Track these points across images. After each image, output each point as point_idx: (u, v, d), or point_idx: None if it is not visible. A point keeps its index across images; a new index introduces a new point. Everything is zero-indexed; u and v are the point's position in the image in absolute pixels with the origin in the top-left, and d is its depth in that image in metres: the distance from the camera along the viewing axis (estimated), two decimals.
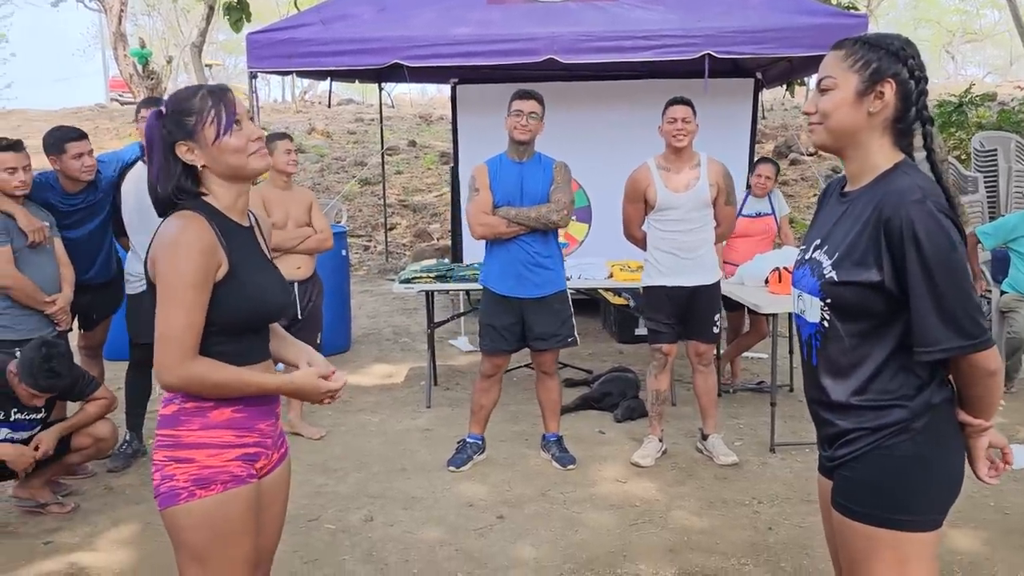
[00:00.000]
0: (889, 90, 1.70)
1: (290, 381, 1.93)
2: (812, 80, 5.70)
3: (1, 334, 3.86)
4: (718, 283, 4.29)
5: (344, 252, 6.74)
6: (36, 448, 3.59)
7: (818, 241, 1.82)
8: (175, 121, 1.82)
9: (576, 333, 4.27)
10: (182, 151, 1.82)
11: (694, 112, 4.07)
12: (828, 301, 1.76)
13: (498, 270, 4.15)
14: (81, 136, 4.08)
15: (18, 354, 3.38)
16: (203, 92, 1.84)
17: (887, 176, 1.71)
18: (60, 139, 4.02)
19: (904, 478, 1.69)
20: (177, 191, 1.83)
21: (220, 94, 1.84)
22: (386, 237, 11.31)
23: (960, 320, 1.60)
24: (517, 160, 4.10)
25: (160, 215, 1.86)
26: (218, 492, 1.82)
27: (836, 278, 1.72)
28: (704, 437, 4.43)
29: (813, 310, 1.81)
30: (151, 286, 1.83)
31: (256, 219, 2.03)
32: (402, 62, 5.67)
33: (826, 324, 1.78)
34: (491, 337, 4.20)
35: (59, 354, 3.35)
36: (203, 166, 1.84)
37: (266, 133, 5.28)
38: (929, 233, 1.59)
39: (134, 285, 4.25)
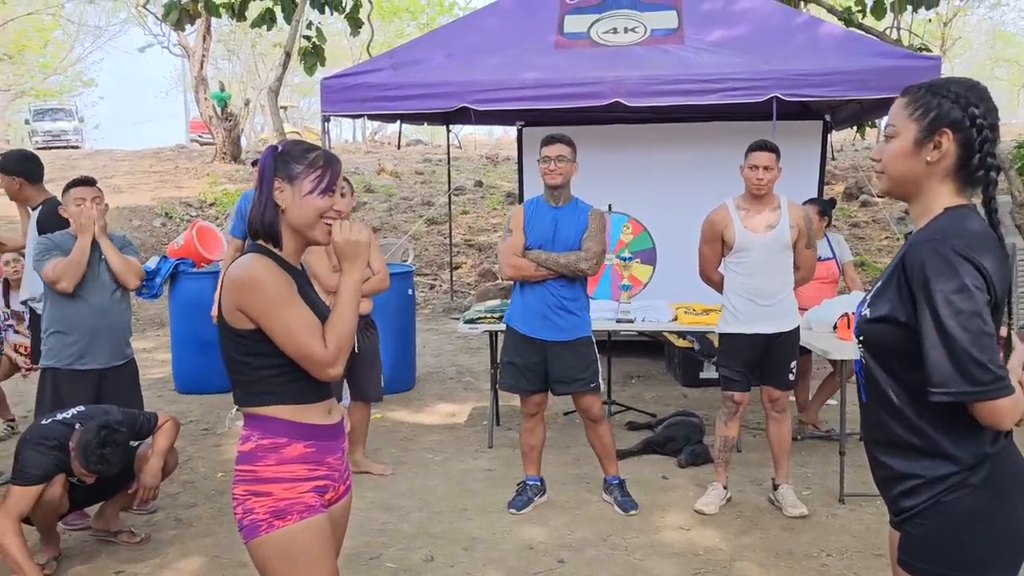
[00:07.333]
0: (946, 140, 1.68)
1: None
2: (883, 122, 5.56)
3: (82, 364, 3.97)
4: (797, 329, 4.18)
5: (410, 291, 6.84)
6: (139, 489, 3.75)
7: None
8: (285, 161, 1.98)
9: (600, 379, 4.22)
10: (274, 186, 1.97)
11: (778, 157, 4.02)
12: (861, 338, 1.78)
13: (523, 311, 4.16)
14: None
15: (78, 427, 3.50)
16: (321, 154, 2.00)
17: (932, 220, 1.71)
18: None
19: (966, 534, 1.65)
20: (260, 219, 1.97)
21: (333, 163, 2.00)
22: (451, 276, 11.44)
23: (966, 365, 1.55)
24: (552, 204, 4.12)
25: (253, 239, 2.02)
26: (295, 521, 1.93)
27: (868, 315, 1.74)
28: (775, 487, 4.32)
29: (855, 347, 1.84)
30: (226, 327, 1.95)
31: (303, 265, 2.16)
32: (469, 106, 5.75)
33: (864, 361, 1.79)
34: (511, 375, 4.20)
35: (114, 442, 3.45)
36: (283, 209, 1.97)
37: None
38: (938, 274, 1.58)
39: None
